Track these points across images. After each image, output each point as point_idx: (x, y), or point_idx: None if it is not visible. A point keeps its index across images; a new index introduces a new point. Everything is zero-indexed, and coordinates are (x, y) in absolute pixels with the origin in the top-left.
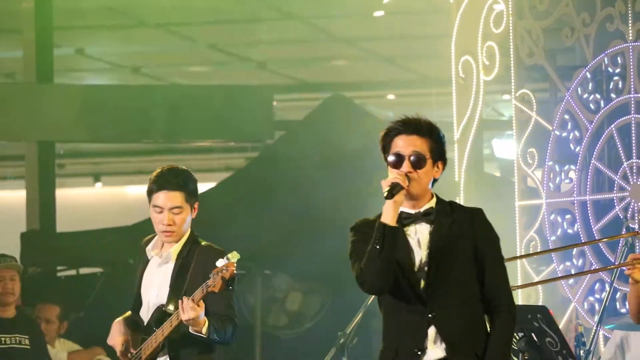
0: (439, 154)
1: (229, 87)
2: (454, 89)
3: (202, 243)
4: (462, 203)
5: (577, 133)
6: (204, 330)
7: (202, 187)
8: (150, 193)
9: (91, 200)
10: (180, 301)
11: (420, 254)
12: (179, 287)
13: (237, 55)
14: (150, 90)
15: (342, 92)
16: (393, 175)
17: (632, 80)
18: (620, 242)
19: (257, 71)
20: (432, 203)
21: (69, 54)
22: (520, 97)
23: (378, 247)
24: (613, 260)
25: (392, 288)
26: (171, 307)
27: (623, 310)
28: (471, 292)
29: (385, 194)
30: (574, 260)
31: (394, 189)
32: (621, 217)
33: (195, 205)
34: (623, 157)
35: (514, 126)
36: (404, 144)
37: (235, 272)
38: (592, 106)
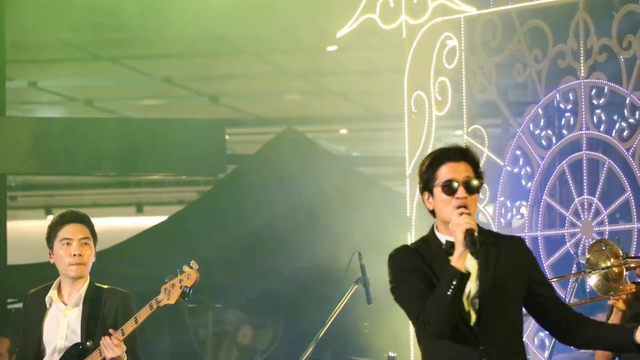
0: (481, 178)
1: (182, 120)
2: (406, 124)
3: (104, 286)
4: (413, 239)
5: (528, 169)
6: None
7: (154, 220)
8: (55, 231)
9: (43, 233)
10: (103, 339)
11: (469, 285)
12: (94, 327)
13: (190, 89)
14: (103, 124)
15: (294, 127)
16: (458, 216)
17: (583, 116)
18: (571, 279)
19: (210, 105)
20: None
21: (22, 86)
22: (472, 132)
23: (450, 294)
24: (564, 297)
25: None
26: (89, 344)
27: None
28: (519, 323)
29: (471, 250)
30: None
31: (474, 240)
32: (572, 253)
33: (95, 247)
34: (574, 194)
35: None
36: (454, 171)
37: (198, 280)
38: (543, 142)
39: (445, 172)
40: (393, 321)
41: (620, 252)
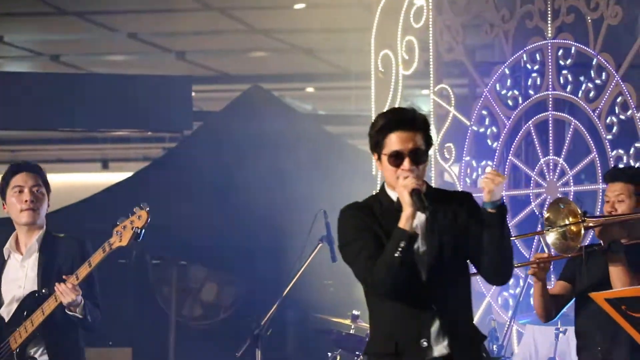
0: (430, 143)
1: (148, 77)
2: (373, 83)
3: (60, 235)
4: None
5: (494, 129)
6: (79, 310)
7: (120, 176)
8: (6, 180)
9: None
10: (57, 285)
11: (418, 243)
12: (50, 274)
13: (156, 46)
14: (70, 79)
15: (261, 84)
16: (403, 179)
17: (550, 77)
18: (535, 238)
19: (176, 62)
20: (424, 190)
21: None
22: (439, 92)
23: (398, 255)
24: (528, 257)
25: None
26: (45, 291)
27: None
28: (467, 275)
29: (419, 207)
30: None
31: (420, 197)
32: (537, 213)
33: (49, 197)
34: (540, 154)
35: (432, 121)
36: (402, 140)
37: (149, 220)
38: (510, 102)
39: (393, 141)
40: (357, 280)
41: (579, 210)
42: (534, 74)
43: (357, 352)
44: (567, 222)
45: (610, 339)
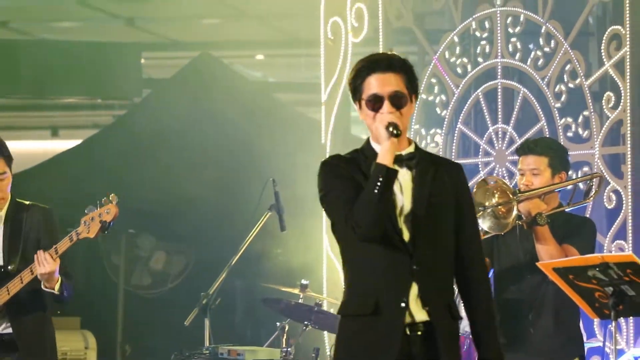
0: (414, 88)
1: (97, 43)
2: (322, 50)
3: (25, 202)
4: None
5: (443, 97)
6: (57, 286)
7: (69, 144)
8: None
9: None
10: (36, 255)
11: (402, 201)
12: (15, 247)
13: (106, 12)
14: (18, 45)
15: (211, 52)
16: (384, 117)
17: (499, 45)
18: None
19: (125, 28)
20: (412, 148)
21: None
22: None
23: (377, 191)
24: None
25: None
26: (11, 267)
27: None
28: (450, 244)
29: (392, 131)
30: None
31: (397, 128)
32: None
33: (11, 170)
34: (489, 122)
35: None
36: (380, 84)
37: (117, 214)
38: (459, 70)
39: (371, 84)
40: (306, 249)
41: (508, 187)
42: (483, 42)
43: (305, 322)
44: (493, 201)
45: (535, 312)
